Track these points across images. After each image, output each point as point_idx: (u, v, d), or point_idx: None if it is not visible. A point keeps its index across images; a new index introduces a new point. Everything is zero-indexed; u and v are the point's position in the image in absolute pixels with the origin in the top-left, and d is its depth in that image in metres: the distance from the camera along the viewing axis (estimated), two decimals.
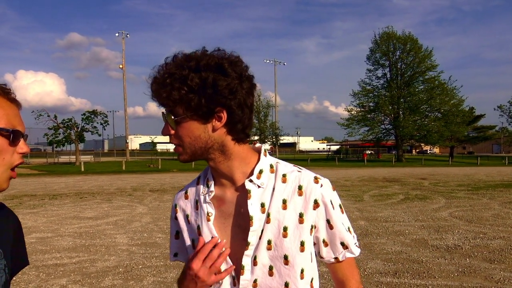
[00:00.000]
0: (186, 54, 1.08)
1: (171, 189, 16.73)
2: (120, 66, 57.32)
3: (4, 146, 0.98)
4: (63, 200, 13.37)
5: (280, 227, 1.10)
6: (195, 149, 1.09)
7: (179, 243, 1.30)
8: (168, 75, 1.04)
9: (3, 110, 0.99)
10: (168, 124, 1.10)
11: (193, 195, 1.24)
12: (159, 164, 36.15)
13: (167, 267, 5.89)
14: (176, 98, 1.04)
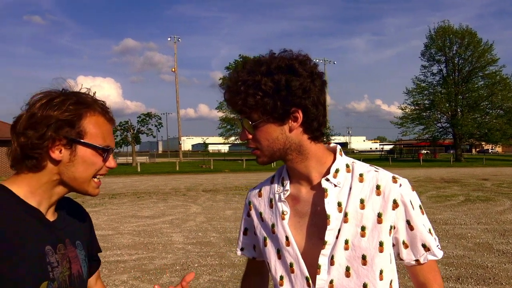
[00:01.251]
0: (255, 59, 1.11)
1: (224, 189, 16.99)
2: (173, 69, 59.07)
3: (98, 162, 1.06)
4: (122, 199, 13.94)
5: (358, 226, 1.08)
6: (274, 151, 1.11)
7: (246, 240, 1.34)
8: (242, 83, 1.06)
9: (100, 128, 1.06)
10: (245, 129, 1.12)
11: (267, 193, 1.25)
12: (211, 165, 36.82)
13: (222, 266, 5.97)
14: (252, 104, 1.06)
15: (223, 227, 8.90)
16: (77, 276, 1.09)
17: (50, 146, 1.00)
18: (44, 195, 1.05)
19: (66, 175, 1.04)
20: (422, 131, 51.31)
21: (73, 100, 1.03)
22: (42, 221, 1.04)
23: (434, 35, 49.88)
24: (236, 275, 5.55)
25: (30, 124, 0.99)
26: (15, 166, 1.03)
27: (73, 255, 1.10)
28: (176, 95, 58.29)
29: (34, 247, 0.99)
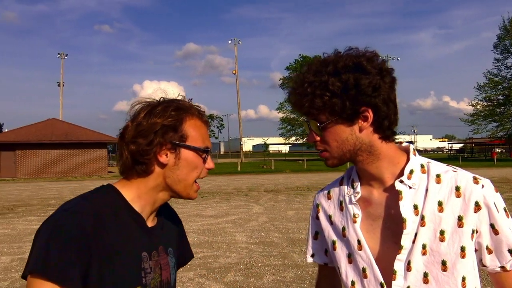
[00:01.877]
0: (321, 60, 1.08)
1: (285, 190, 16.99)
2: (233, 71, 60.00)
3: (199, 163, 1.11)
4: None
5: (437, 230, 1.02)
6: (343, 153, 1.08)
7: (318, 244, 1.29)
8: (308, 84, 1.04)
9: (199, 131, 1.11)
10: (313, 131, 1.10)
11: (337, 195, 1.22)
12: (272, 165, 36.96)
13: (286, 266, 5.97)
14: (320, 105, 1.04)
15: (286, 227, 8.90)
16: (166, 283, 1.13)
17: (158, 151, 1.06)
18: (149, 200, 1.10)
19: (171, 178, 1.09)
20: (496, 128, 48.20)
21: (173, 107, 1.09)
22: (142, 227, 1.09)
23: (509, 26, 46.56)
24: (300, 276, 5.53)
25: (139, 132, 1.05)
26: (126, 172, 1.09)
27: (164, 262, 1.13)
28: (237, 96, 59.20)
29: (133, 253, 1.04)
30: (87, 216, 0.97)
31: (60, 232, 0.93)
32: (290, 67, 54.84)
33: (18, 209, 12.69)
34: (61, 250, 0.92)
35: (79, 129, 32.93)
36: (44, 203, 14.19)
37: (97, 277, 0.95)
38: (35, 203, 14.28)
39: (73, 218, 0.96)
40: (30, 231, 8.96)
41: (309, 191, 16.38)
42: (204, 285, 5.27)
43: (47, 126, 32.47)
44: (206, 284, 5.28)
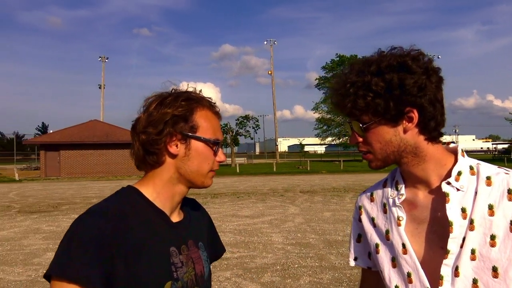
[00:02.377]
0: (363, 60, 1.06)
1: (321, 191, 16.84)
2: (269, 72, 60.11)
3: (209, 155, 1.11)
4: (223, 199, 14.52)
5: (487, 235, 0.98)
6: (387, 154, 1.06)
7: (361, 247, 1.26)
8: (350, 84, 1.03)
9: (210, 122, 1.11)
10: (355, 133, 1.09)
11: (380, 197, 1.19)
12: (308, 166, 36.73)
13: (323, 268, 5.91)
14: (362, 106, 1.02)
15: (322, 228, 8.82)
16: (200, 277, 1.13)
17: (168, 141, 1.06)
18: (167, 195, 1.10)
19: (183, 170, 1.09)
20: None
21: (183, 97, 1.09)
22: (167, 222, 1.09)
23: None
24: (337, 278, 5.46)
25: (149, 122, 1.06)
26: (139, 165, 1.11)
27: (196, 256, 1.14)
28: (273, 97, 59.25)
29: (160, 248, 1.05)
30: (107, 218, 0.99)
31: (80, 234, 0.96)
32: (326, 66, 54.32)
33: (62, 207, 13.21)
34: (81, 251, 0.94)
35: (118, 130, 33.92)
36: (86, 201, 14.70)
37: (124, 275, 0.96)
38: (78, 201, 14.83)
39: (93, 220, 0.98)
40: None
41: (346, 192, 16.17)
42: (241, 285, 5.30)
43: (89, 127, 33.65)
44: (243, 284, 5.31)
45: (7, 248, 7.55)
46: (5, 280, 5.64)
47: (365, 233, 1.21)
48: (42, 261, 6.60)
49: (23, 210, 12.72)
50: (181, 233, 1.13)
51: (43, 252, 7.20)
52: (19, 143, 52.72)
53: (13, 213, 12.00)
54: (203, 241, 1.21)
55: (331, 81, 1.11)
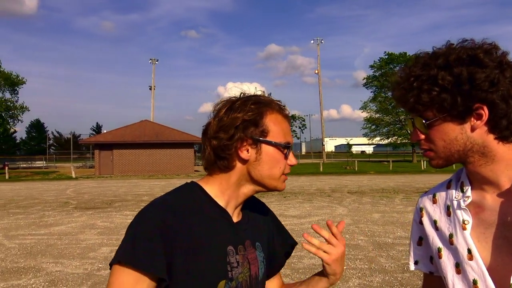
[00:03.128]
0: (430, 52, 1.01)
1: (370, 192, 16.46)
2: (316, 71, 59.55)
3: (280, 159, 1.10)
4: (269, 198, 14.53)
5: None
6: (451, 153, 1.00)
7: (422, 251, 1.20)
8: (414, 78, 0.98)
9: (280, 126, 1.10)
10: (417, 129, 1.03)
11: (443, 199, 1.13)
12: (356, 166, 36.04)
13: (372, 270, 5.77)
14: (426, 101, 0.97)
15: (371, 230, 8.61)
16: (254, 278, 1.13)
17: (239, 146, 1.06)
18: (232, 195, 1.11)
19: (254, 174, 1.09)
20: None
21: (252, 101, 1.09)
22: (228, 222, 1.10)
23: None
24: (388, 281, 5.31)
25: (220, 128, 1.06)
26: (209, 168, 1.12)
27: (252, 257, 1.13)
28: (320, 96, 58.63)
29: (218, 246, 1.05)
30: (169, 210, 1.01)
31: (145, 224, 0.99)
32: (375, 65, 53.05)
33: (115, 204, 13.74)
34: (146, 240, 0.97)
35: (168, 130, 34.85)
36: (138, 199, 15.21)
37: (182, 268, 0.98)
38: (129, 198, 15.37)
39: (157, 211, 1.01)
40: (126, 224, 9.60)
41: (395, 193, 15.71)
42: None
43: (140, 127, 34.82)
44: None
45: (65, 242, 7.94)
46: (64, 273, 5.93)
47: (427, 236, 1.15)
48: (97, 255, 6.89)
49: (79, 206, 13.35)
50: (240, 233, 1.12)
51: (98, 246, 7.52)
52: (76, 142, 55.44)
53: (70, 209, 12.61)
54: (261, 241, 1.20)
55: (394, 75, 1.06)
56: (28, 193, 17.76)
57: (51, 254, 7.03)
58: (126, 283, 0.96)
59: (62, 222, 10.20)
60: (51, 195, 17.06)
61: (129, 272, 0.96)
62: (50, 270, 6.08)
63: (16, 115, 46.05)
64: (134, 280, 0.96)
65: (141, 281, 0.96)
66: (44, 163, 49.42)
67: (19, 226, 9.75)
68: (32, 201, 14.73)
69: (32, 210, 12.35)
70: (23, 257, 6.80)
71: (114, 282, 0.97)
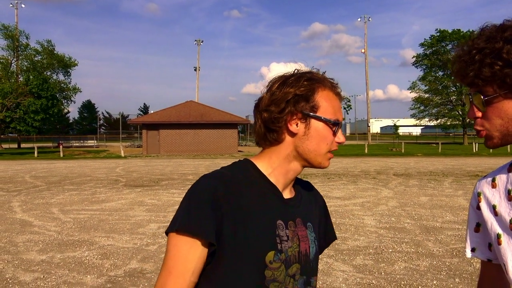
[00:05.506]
0: (498, 25, 0.94)
1: (417, 174, 16.00)
2: (362, 50, 57.95)
3: (328, 135, 1.11)
4: (313, 179, 14.45)
5: None
6: (508, 133, 0.95)
7: (479, 238, 1.15)
8: (477, 51, 0.92)
9: (331, 103, 1.11)
10: (475, 106, 0.98)
11: (504, 183, 1.06)
12: (402, 148, 35.06)
13: (419, 254, 5.64)
14: (487, 76, 0.91)
15: (418, 213, 8.39)
16: (304, 255, 1.13)
17: (288, 119, 1.08)
18: (281, 170, 1.13)
19: (301, 148, 1.10)
20: None
21: (306, 77, 1.10)
22: (278, 197, 1.12)
23: None
24: (435, 266, 5.17)
25: (272, 101, 1.09)
26: (260, 141, 1.15)
27: (302, 234, 1.14)
28: (366, 76, 57.18)
29: (268, 219, 1.07)
30: (221, 181, 1.06)
31: (198, 193, 1.04)
32: (425, 43, 50.80)
33: (162, 182, 14.17)
34: (198, 208, 1.01)
35: (212, 111, 35.28)
36: (183, 178, 15.60)
37: (231, 236, 1.02)
38: (176, 177, 15.79)
39: (209, 182, 1.05)
40: (173, 202, 9.91)
41: (444, 176, 15.18)
42: (333, 266, 5.25)
43: (185, 107, 35.47)
44: (334, 265, 5.26)
45: (115, 218, 8.30)
46: (115, 247, 6.22)
47: (485, 222, 1.09)
48: (146, 231, 7.15)
49: (128, 184, 13.87)
50: (290, 209, 1.14)
51: (146, 223, 7.80)
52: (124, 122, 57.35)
53: (120, 187, 13.14)
54: (312, 222, 1.21)
55: (455, 47, 1.00)
56: (81, 171, 18.66)
57: (103, 228, 7.37)
58: (182, 249, 1.02)
59: (112, 199, 10.65)
60: (102, 173, 17.82)
61: (184, 239, 1.01)
62: (103, 243, 6.38)
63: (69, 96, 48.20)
64: (189, 245, 1.01)
65: (195, 246, 1.01)
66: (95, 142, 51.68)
67: (73, 201, 10.28)
68: (85, 178, 15.47)
69: (84, 187, 12.97)
70: (77, 231, 7.17)
71: (172, 249, 1.03)
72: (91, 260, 5.56)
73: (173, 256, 1.02)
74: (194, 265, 1.02)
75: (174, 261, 1.02)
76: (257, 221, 1.05)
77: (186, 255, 1.01)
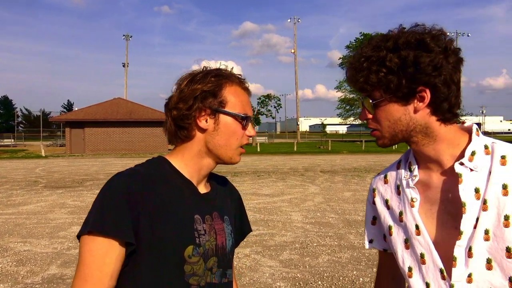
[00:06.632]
0: (383, 35, 1.03)
1: (342, 171, 16.75)
2: (292, 50, 59.41)
3: (238, 130, 1.14)
4: (243, 177, 14.61)
5: (500, 215, 0.95)
6: (395, 133, 1.04)
7: (376, 230, 1.25)
8: (365, 59, 1.00)
9: (239, 98, 1.14)
10: (366, 109, 1.06)
11: (394, 179, 1.17)
12: (329, 146, 36.50)
13: (341, 247, 5.92)
14: (374, 82, 1.00)
15: (342, 208, 8.80)
16: (221, 248, 1.16)
17: (197, 116, 1.10)
18: (194, 167, 1.15)
19: (212, 144, 1.12)
20: None
21: (213, 74, 1.13)
22: (193, 192, 1.13)
23: None
24: (356, 257, 5.46)
25: (180, 99, 1.10)
26: (171, 139, 1.16)
27: (219, 228, 1.16)
28: (295, 76, 58.68)
29: (185, 214, 1.09)
30: (135, 178, 1.05)
31: (112, 192, 1.02)
32: (350, 45, 53.28)
33: (86, 183, 13.54)
34: (113, 207, 1.00)
35: (142, 108, 34.30)
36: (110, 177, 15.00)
37: (149, 233, 1.01)
38: (102, 177, 15.16)
39: (123, 180, 1.04)
40: None
41: (367, 172, 16.05)
42: (260, 261, 5.35)
43: (112, 105, 34.13)
44: (262, 261, 5.37)
45: (34, 221, 7.80)
46: (32, 252, 5.85)
47: (379, 215, 1.20)
48: (67, 234, 6.80)
49: (49, 185, 13.09)
50: (207, 203, 1.16)
51: (68, 226, 7.42)
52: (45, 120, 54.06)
53: (40, 188, 12.36)
54: (229, 215, 1.24)
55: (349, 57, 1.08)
56: None
57: (19, 233, 6.90)
58: (97, 251, 0.98)
59: (31, 201, 10.00)
60: (20, 174, 16.65)
61: (99, 240, 0.98)
62: (18, 249, 5.97)
63: None
64: (105, 248, 0.98)
65: (112, 248, 0.98)
66: (12, 141, 48.04)
67: None
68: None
69: None
70: None
71: (86, 253, 0.99)
72: (5, 268, 5.19)
73: (88, 262, 0.98)
74: (112, 269, 0.99)
75: (89, 267, 0.98)
76: (174, 216, 1.06)
77: (103, 258, 0.98)
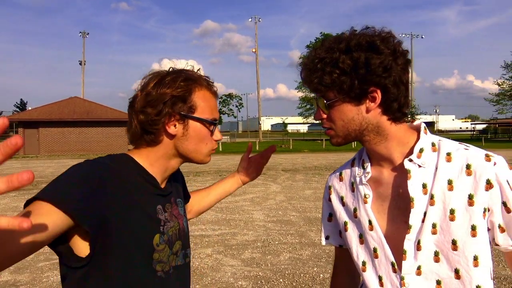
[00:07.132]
0: (335, 36, 1.07)
1: (303, 169, 16.98)
2: (253, 50, 59.58)
3: (206, 135, 1.14)
4: (205, 177, 14.53)
5: (446, 209, 1.01)
6: (349, 132, 1.08)
7: (332, 226, 1.29)
8: (318, 60, 1.04)
9: (207, 102, 1.14)
10: (320, 109, 1.10)
11: (348, 177, 1.22)
12: (290, 145, 36.91)
13: (302, 244, 6.01)
14: (328, 82, 1.03)
15: (303, 206, 8.93)
16: (182, 230, 1.21)
17: (166, 121, 1.09)
18: (160, 167, 1.14)
19: (182, 149, 1.13)
20: None
21: (182, 77, 1.11)
22: (155, 186, 1.14)
23: None
24: (316, 254, 5.57)
25: (148, 102, 1.07)
26: (134, 142, 1.14)
27: (176, 212, 1.20)
28: (257, 75, 58.88)
29: (150, 205, 1.10)
30: (106, 167, 1.03)
31: (81, 172, 0.97)
32: (311, 45, 54.04)
33: (41, 185, 12.98)
34: (79, 185, 0.93)
35: (100, 107, 33.37)
36: None
37: (119, 224, 1.00)
38: None
39: (94, 166, 1.02)
40: None
41: (327, 170, 16.34)
42: (222, 261, 5.35)
43: (69, 104, 32.99)
44: (224, 261, 5.37)
45: None
46: None
47: (335, 212, 1.24)
48: None
49: None
50: (166, 194, 1.18)
51: None
52: None
53: None
54: (180, 197, 1.28)
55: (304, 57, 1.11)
56: None
57: None
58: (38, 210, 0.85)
59: None
60: None
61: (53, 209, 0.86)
62: None
63: None
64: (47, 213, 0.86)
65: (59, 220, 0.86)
66: None
67: None
68: None
69: None
70: None
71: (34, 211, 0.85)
72: None
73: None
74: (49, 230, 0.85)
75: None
76: (141, 207, 1.07)
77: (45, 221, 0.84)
